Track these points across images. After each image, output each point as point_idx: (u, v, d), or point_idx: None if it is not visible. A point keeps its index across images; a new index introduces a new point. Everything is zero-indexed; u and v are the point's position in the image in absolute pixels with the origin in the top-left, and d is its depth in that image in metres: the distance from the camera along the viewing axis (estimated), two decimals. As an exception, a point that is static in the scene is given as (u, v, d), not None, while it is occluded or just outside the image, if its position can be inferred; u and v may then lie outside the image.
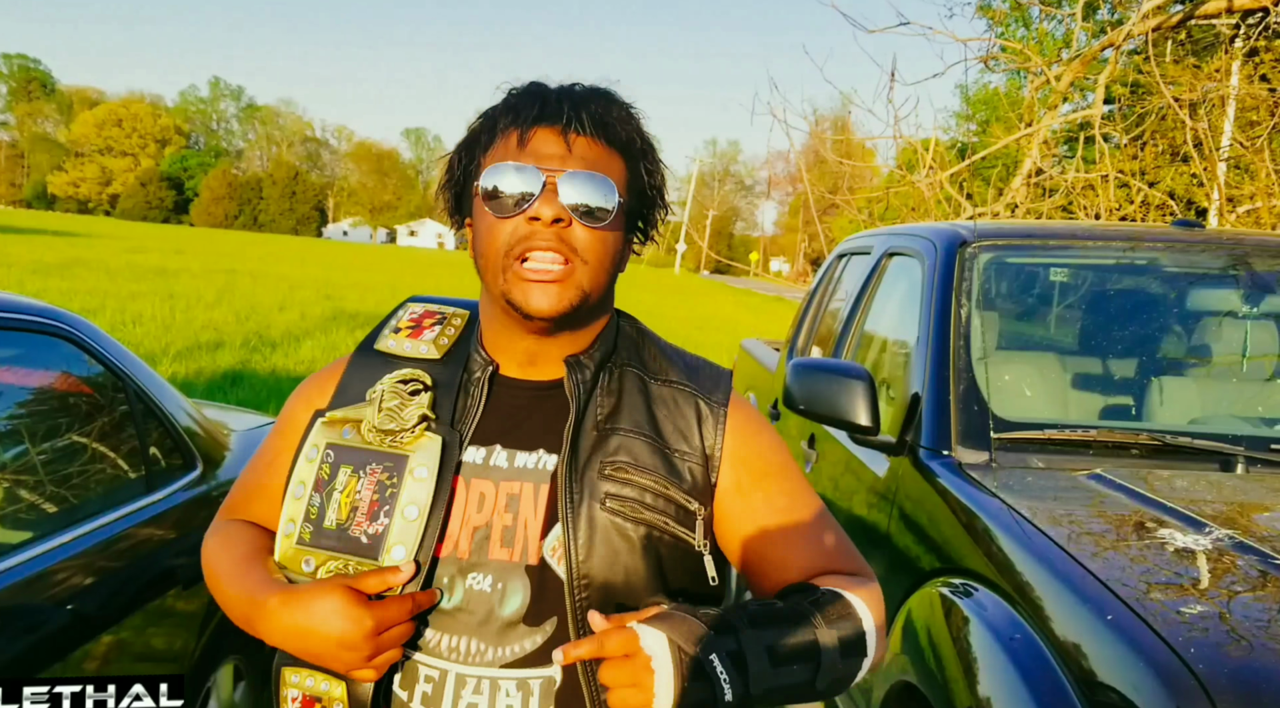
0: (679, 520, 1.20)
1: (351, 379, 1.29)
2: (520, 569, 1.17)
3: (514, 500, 1.19)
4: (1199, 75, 7.83)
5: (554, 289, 1.14)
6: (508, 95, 1.21)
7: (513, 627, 1.17)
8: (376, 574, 1.12)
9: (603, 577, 1.16)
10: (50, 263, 23.12)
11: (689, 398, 1.28)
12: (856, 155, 10.99)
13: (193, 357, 10.86)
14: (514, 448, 1.22)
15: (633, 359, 1.30)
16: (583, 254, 1.16)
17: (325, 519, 1.16)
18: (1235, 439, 2.49)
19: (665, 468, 1.22)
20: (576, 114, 1.16)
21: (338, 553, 1.15)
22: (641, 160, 1.23)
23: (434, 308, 1.36)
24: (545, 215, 1.13)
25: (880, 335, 3.68)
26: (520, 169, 1.15)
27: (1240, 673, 1.45)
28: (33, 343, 2.44)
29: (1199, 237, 3.26)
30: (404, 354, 1.28)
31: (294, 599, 1.10)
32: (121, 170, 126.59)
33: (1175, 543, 1.89)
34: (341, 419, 1.22)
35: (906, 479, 2.61)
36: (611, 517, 1.17)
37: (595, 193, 1.15)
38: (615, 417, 1.24)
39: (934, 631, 2.11)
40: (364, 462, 1.17)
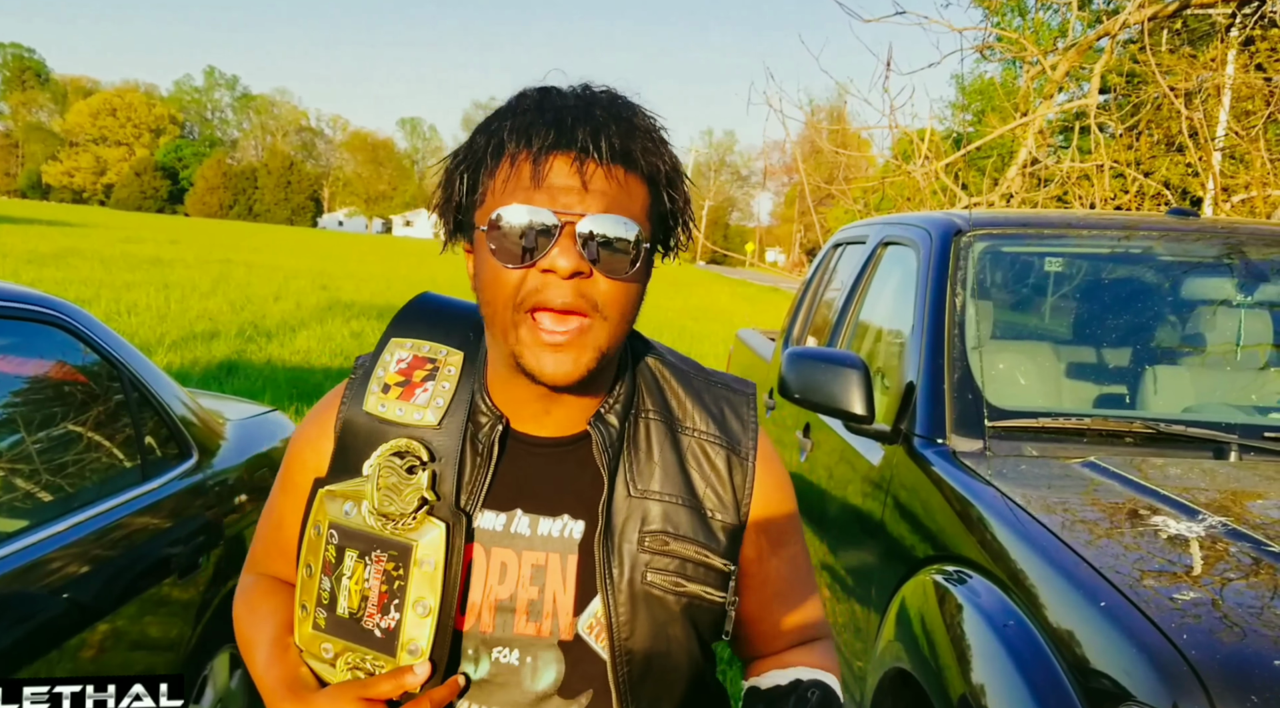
0: (716, 585, 1.17)
1: (347, 444, 1.17)
2: (552, 645, 1.13)
3: (539, 571, 1.13)
4: (1194, 65, 7.83)
5: (569, 356, 1.04)
6: (517, 108, 1.07)
7: (547, 699, 1.13)
8: (392, 679, 1.06)
9: (645, 650, 1.13)
10: (45, 253, 23.07)
11: (720, 450, 1.22)
12: (852, 145, 10.99)
13: (188, 347, 10.84)
14: (535, 513, 1.15)
15: (657, 406, 1.21)
16: (603, 309, 1.05)
17: (338, 607, 1.11)
18: (1229, 427, 2.50)
19: (704, 534, 1.17)
20: (595, 142, 1.02)
21: (354, 644, 1.10)
22: (665, 187, 1.11)
23: (423, 351, 1.21)
24: (562, 268, 1.01)
25: (875, 324, 3.68)
26: (533, 212, 1.02)
27: (1233, 659, 1.46)
28: (28, 331, 2.43)
29: (1194, 226, 3.26)
30: (398, 421, 1.15)
31: (305, 702, 1.08)
32: (116, 160, 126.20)
33: (1169, 530, 1.90)
34: (341, 494, 1.13)
35: (901, 468, 2.62)
36: (652, 590, 1.12)
37: (617, 238, 1.04)
38: (648, 479, 1.17)
39: (928, 618, 2.12)
40: (368, 548, 1.10)
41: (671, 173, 1.11)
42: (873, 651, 2.44)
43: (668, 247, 1.17)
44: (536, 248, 1.02)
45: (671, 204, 1.12)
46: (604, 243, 1.03)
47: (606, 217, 1.03)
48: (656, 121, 1.11)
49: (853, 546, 2.97)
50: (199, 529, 2.73)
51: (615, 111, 1.06)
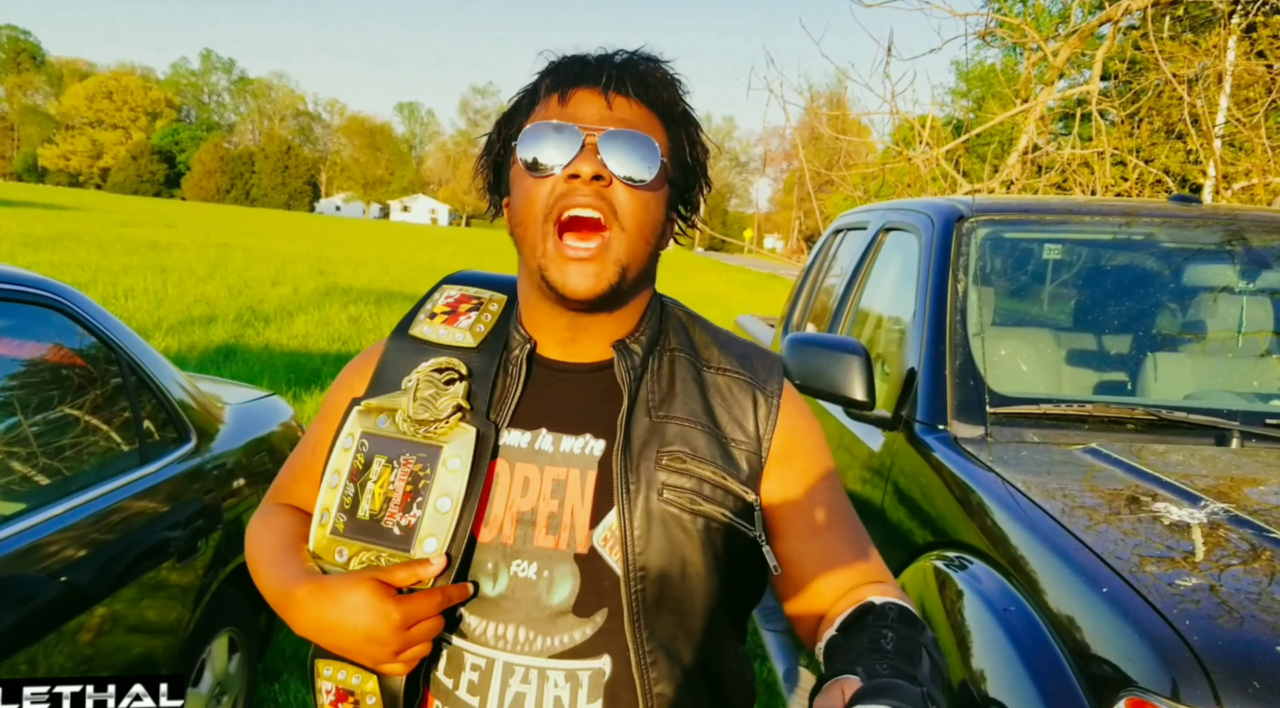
0: (737, 512, 1.17)
1: (387, 366, 1.24)
2: (568, 557, 1.14)
3: (560, 486, 1.16)
4: (1196, 51, 7.81)
5: (591, 268, 1.10)
6: (546, 67, 1.18)
7: (562, 616, 1.13)
8: (406, 567, 1.08)
9: (659, 569, 1.12)
10: (41, 236, 23.01)
11: (744, 387, 1.23)
12: (852, 131, 10.96)
13: (185, 331, 10.82)
14: (559, 432, 1.18)
15: (683, 344, 1.25)
16: (622, 218, 1.11)
17: (359, 510, 1.13)
18: (1230, 414, 2.50)
19: (723, 458, 1.18)
20: (618, 75, 1.13)
21: (371, 544, 1.12)
22: (684, 127, 1.19)
23: (470, 291, 1.30)
24: (584, 172, 1.09)
25: (876, 311, 3.67)
26: (559, 127, 1.11)
27: (1234, 645, 1.46)
28: (25, 314, 2.42)
29: (1195, 212, 3.25)
30: (439, 342, 1.23)
31: (322, 591, 1.08)
32: (112, 143, 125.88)
33: (1170, 517, 1.90)
34: (377, 408, 1.18)
35: (901, 454, 2.61)
36: (668, 508, 1.13)
37: (637, 152, 1.11)
38: (669, 404, 1.19)
39: (928, 604, 2.12)
40: (398, 452, 1.14)
41: (689, 116, 1.20)
42: (872, 636, 2.44)
43: (689, 197, 1.23)
44: (564, 160, 1.10)
45: (691, 147, 1.20)
46: (625, 153, 1.10)
47: (626, 131, 1.11)
48: (675, 73, 1.19)
49: (852, 531, 2.96)
50: (197, 513, 2.72)
51: (636, 58, 1.17)
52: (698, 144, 1.21)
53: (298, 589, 1.10)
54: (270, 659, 3.68)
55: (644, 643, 1.12)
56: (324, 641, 1.09)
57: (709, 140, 1.24)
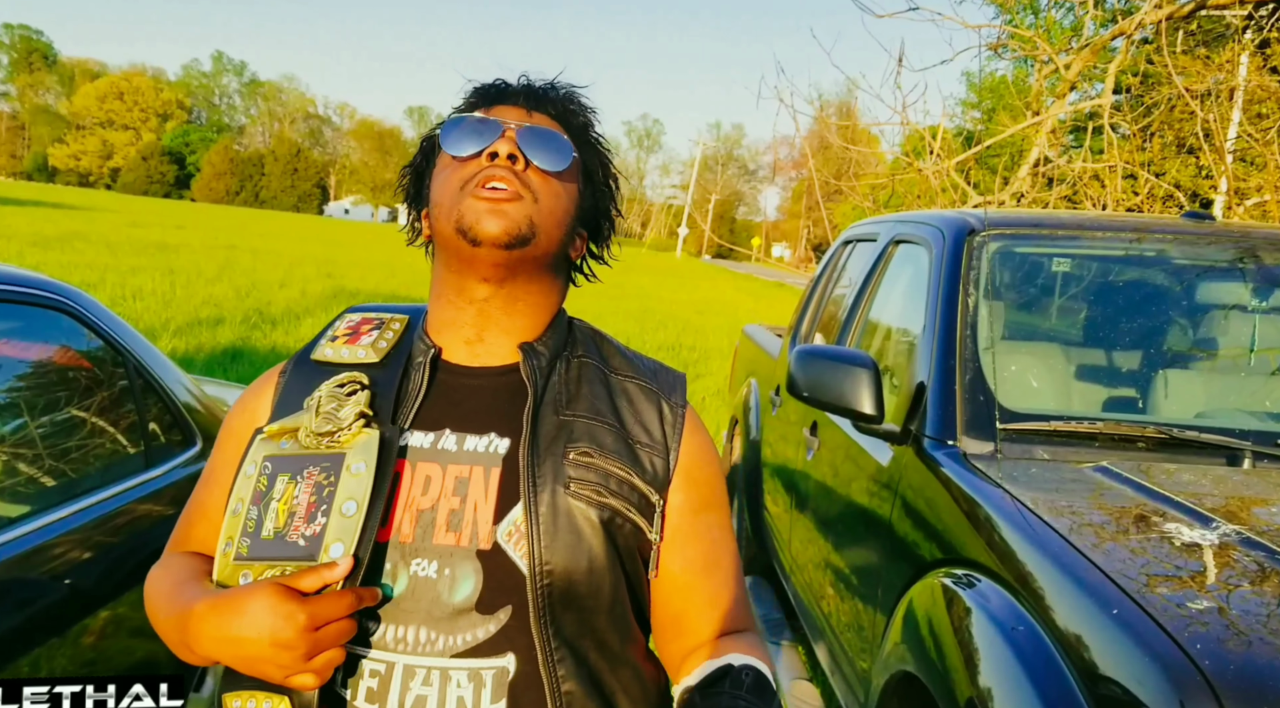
0: (640, 509, 1.19)
1: (289, 391, 1.23)
2: (470, 554, 1.12)
3: (462, 483, 1.15)
4: (1209, 66, 7.79)
5: (506, 211, 1.13)
6: (472, 87, 1.26)
7: (463, 614, 1.11)
8: (312, 572, 1.04)
9: (565, 564, 1.12)
10: (50, 236, 23.08)
11: (650, 395, 1.27)
12: (862, 141, 10.95)
13: (193, 332, 10.84)
14: (463, 432, 1.18)
15: (590, 352, 1.29)
16: (536, 191, 1.16)
17: (262, 530, 1.09)
18: (1243, 434, 2.48)
19: (629, 456, 1.20)
20: (534, 96, 1.23)
21: (275, 560, 1.07)
22: (595, 152, 1.28)
23: (372, 315, 1.33)
24: (502, 151, 1.15)
25: (885, 323, 3.66)
26: (482, 121, 1.18)
27: (1246, 669, 1.44)
28: (32, 316, 2.42)
29: (1209, 229, 3.23)
30: (341, 361, 1.24)
31: (222, 603, 1.02)
32: (123, 144, 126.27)
33: (1181, 537, 1.88)
34: (279, 431, 1.16)
35: (910, 469, 2.60)
36: (575, 501, 1.14)
37: (551, 145, 1.19)
38: (575, 403, 1.22)
39: (935, 621, 2.10)
40: (301, 467, 1.11)
41: (601, 143, 1.29)
42: (878, 653, 2.42)
43: (598, 217, 1.30)
44: (482, 147, 1.17)
45: (602, 173, 1.29)
46: (540, 144, 1.18)
47: (543, 128, 1.20)
48: (588, 101, 1.28)
49: (859, 546, 2.95)
50: (202, 517, 2.72)
51: (556, 89, 1.26)
52: (608, 168, 1.29)
53: (195, 607, 1.04)
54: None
55: (550, 640, 1.12)
56: (228, 656, 1.02)
57: (619, 171, 1.32)
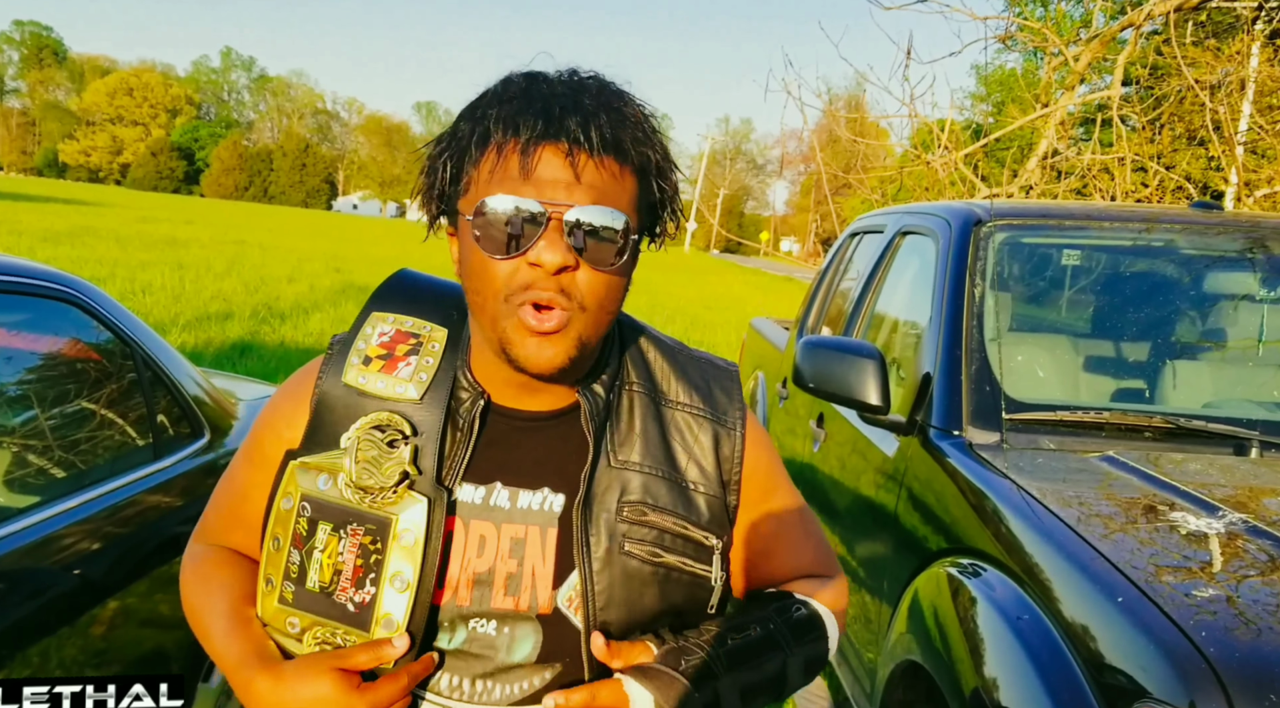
0: (696, 558, 1.16)
1: (323, 416, 1.16)
2: (530, 619, 1.12)
3: (518, 545, 1.12)
4: (1219, 58, 7.75)
5: (552, 347, 1.03)
6: (503, 96, 1.05)
7: (520, 668, 1.12)
8: (368, 650, 1.06)
9: (622, 623, 1.12)
10: (60, 231, 23.16)
11: (705, 424, 1.22)
12: (870, 134, 10.92)
13: (202, 327, 10.87)
14: (515, 486, 1.14)
15: (641, 379, 1.21)
16: (585, 301, 1.03)
17: (307, 580, 1.09)
18: (1250, 423, 2.47)
19: (683, 505, 1.17)
20: (585, 132, 1.00)
21: (324, 619, 1.08)
22: (656, 178, 1.09)
23: (406, 325, 1.20)
24: (548, 263, 1.00)
25: (892, 315, 3.66)
26: (521, 202, 1.00)
27: (1252, 658, 1.44)
28: (43, 308, 2.43)
29: (1217, 219, 3.22)
30: (379, 394, 1.14)
31: (282, 683, 1.05)
32: (132, 140, 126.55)
33: (1187, 526, 1.88)
34: (316, 466, 1.12)
35: (916, 459, 2.60)
36: (629, 561, 1.12)
37: (604, 228, 1.02)
38: (629, 449, 1.16)
39: (940, 610, 2.11)
40: (344, 521, 1.09)
41: (662, 163, 1.09)
42: (884, 642, 2.42)
43: (654, 235, 1.15)
44: (523, 237, 1.01)
45: (661, 194, 1.11)
46: (591, 233, 1.01)
47: (595, 208, 1.01)
48: (646, 109, 1.09)
49: (865, 536, 2.95)
50: (210, 509, 2.73)
51: (605, 100, 1.04)
52: (668, 187, 1.12)
53: (258, 682, 1.06)
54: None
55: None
56: None
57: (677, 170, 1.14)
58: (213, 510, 1.31)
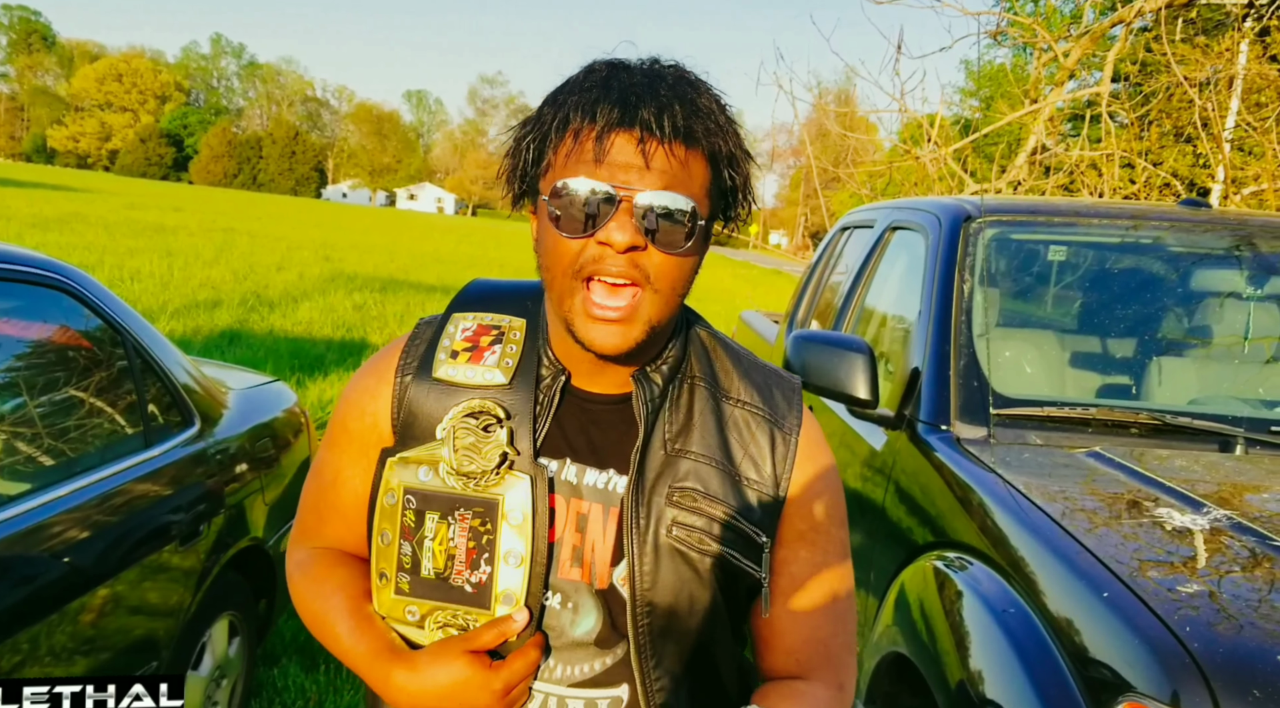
0: (744, 553, 1.17)
1: (415, 412, 1.19)
2: (591, 592, 1.16)
3: (583, 520, 1.16)
4: (1208, 55, 7.78)
5: (618, 330, 1.07)
6: (584, 83, 1.08)
7: (583, 647, 1.16)
8: (493, 628, 1.11)
9: (666, 604, 1.14)
10: (49, 217, 23.03)
11: (763, 423, 1.22)
12: (860, 129, 10.94)
13: (190, 315, 10.83)
14: (584, 464, 1.18)
15: (704, 373, 1.23)
16: (655, 281, 1.07)
17: (422, 569, 1.13)
18: (1235, 420, 2.49)
19: (735, 498, 1.17)
20: (658, 120, 1.04)
21: (443, 603, 1.13)
22: (727, 166, 1.12)
23: (486, 319, 1.24)
24: (617, 242, 1.04)
25: (881, 309, 3.67)
26: (594, 185, 1.05)
27: (1235, 652, 1.46)
28: (32, 295, 2.42)
29: (1204, 216, 3.24)
30: (469, 383, 1.18)
31: (420, 673, 1.10)
32: (121, 126, 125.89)
33: (1172, 522, 1.90)
34: (415, 460, 1.15)
35: (903, 453, 2.61)
36: (677, 545, 1.14)
37: (673, 217, 1.06)
38: (685, 438, 1.18)
39: (926, 603, 2.12)
40: (451, 508, 1.13)
41: (734, 152, 1.12)
42: (870, 635, 2.44)
43: (728, 218, 1.18)
44: (598, 216, 1.05)
45: (732, 182, 1.14)
46: (662, 215, 1.05)
47: (664, 193, 1.05)
48: (721, 100, 1.12)
49: (852, 529, 2.95)
50: (200, 497, 2.73)
51: (680, 90, 1.08)
52: (739, 176, 1.14)
53: (395, 674, 1.12)
54: (269, 644, 3.69)
55: (650, 673, 1.14)
56: None
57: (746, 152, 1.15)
58: (306, 510, 1.33)
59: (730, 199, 1.15)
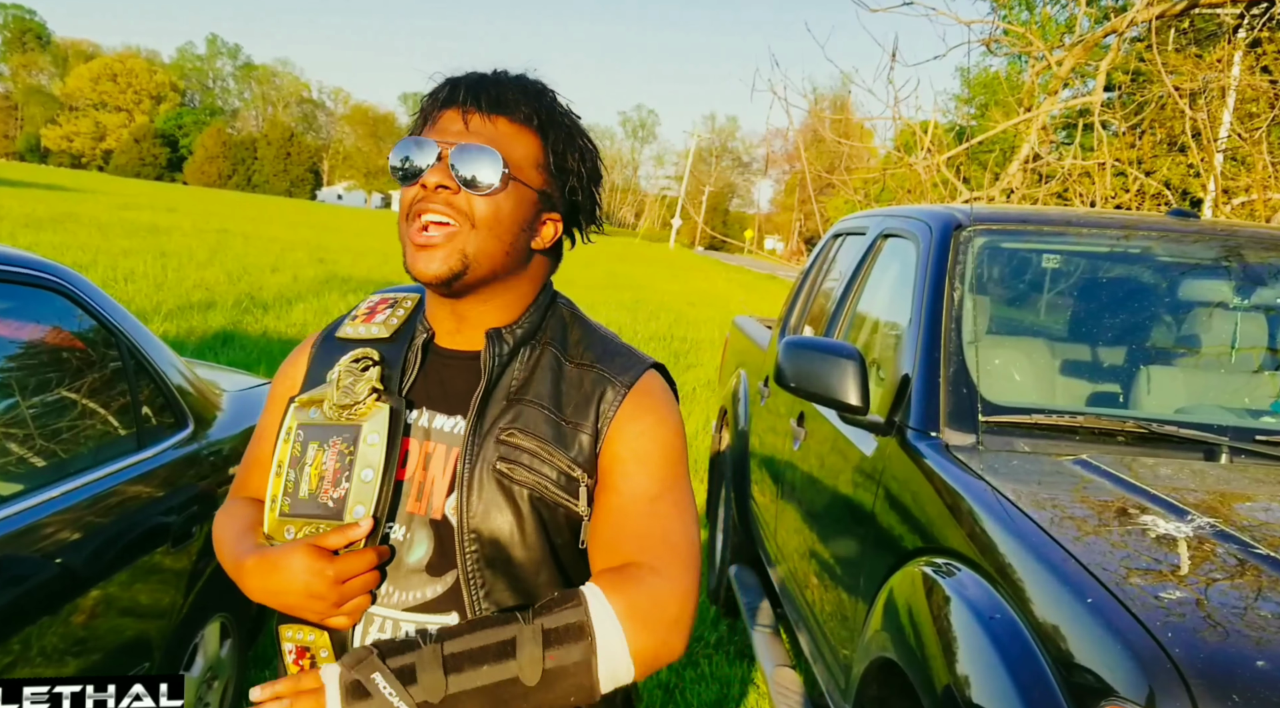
0: (560, 486, 1.29)
1: (316, 366, 1.41)
2: (425, 522, 1.29)
3: (429, 459, 1.31)
4: (1200, 65, 7.82)
5: (436, 254, 1.23)
6: (439, 85, 1.31)
7: (416, 574, 1.28)
8: (338, 532, 1.23)
9: (490, 532, 1.26)
10: (42, 216, 22.98)
11: (597, 378, 1.34)
12: (854, 135, 10.97)
13: (184, 316, 10.83)
14: (436, 411, 1.33)
15: (556, 340, 1.38)
16: (471, 217, 1.24)
17: (300, 491, 1.28)
18: (1220, 429, 2.51)
19: (554, 436, 1.30)
20: (474, 95, 1.26)
21: (311, 519, 1.26)
22: (551, 133, 1.30)
23: (389, 295, 1.48)
24: (430, 182, 1.23)
25: (872, 316, 3.69)
26: (419, 142, 1.26)
27: (1216, 658, 1.48)
28: (26, 296, 2.43)
29: (1193, 227, 3.27)
30: (358, 337, 1.40)
31: (265, 560, 1.23)
32: (115, 126, 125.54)
33: (1157, 530, 1.92)
34: (308, 401, 1.33)
35: (893, 459, 2.63)
36: (499, 478, 1.27)
37: (479, 163, 1.23)
38: (524, 389, 1.32)
39: (915, 609, 2.14)
40: (327, 436, 1.29)
41: (557, 122, 1.31)
42: (859, 639, 2.46)
43: (579, 198, 1.35)
44: (419, 170, 1.25)
45: (565, 151, 1.31)
46: (468, 165, 1.23)
47: (475, 146, 1.24)
48: (547, 86, 1.32)
49: (842, 535, 2.98)
50: (193, 499, 2.74)
51: (503, 75, 1.30)
52: (571, 147, 1.32)
53: (246, 561, 1.26)
54: (260, 647, 3.70)
55: (479, 601, 1.26)
56: (273, 603, 1.24)
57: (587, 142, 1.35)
58: (241, 465, 1.50)
59: (569, 172, 1.32)
